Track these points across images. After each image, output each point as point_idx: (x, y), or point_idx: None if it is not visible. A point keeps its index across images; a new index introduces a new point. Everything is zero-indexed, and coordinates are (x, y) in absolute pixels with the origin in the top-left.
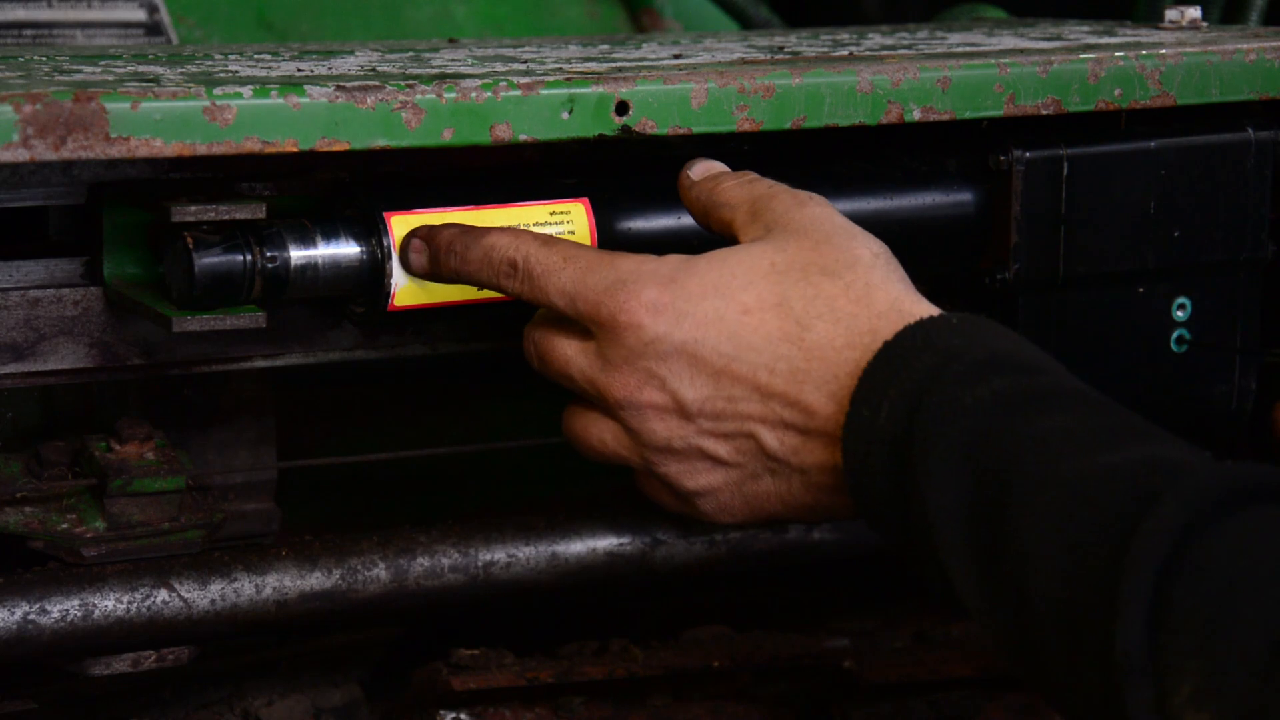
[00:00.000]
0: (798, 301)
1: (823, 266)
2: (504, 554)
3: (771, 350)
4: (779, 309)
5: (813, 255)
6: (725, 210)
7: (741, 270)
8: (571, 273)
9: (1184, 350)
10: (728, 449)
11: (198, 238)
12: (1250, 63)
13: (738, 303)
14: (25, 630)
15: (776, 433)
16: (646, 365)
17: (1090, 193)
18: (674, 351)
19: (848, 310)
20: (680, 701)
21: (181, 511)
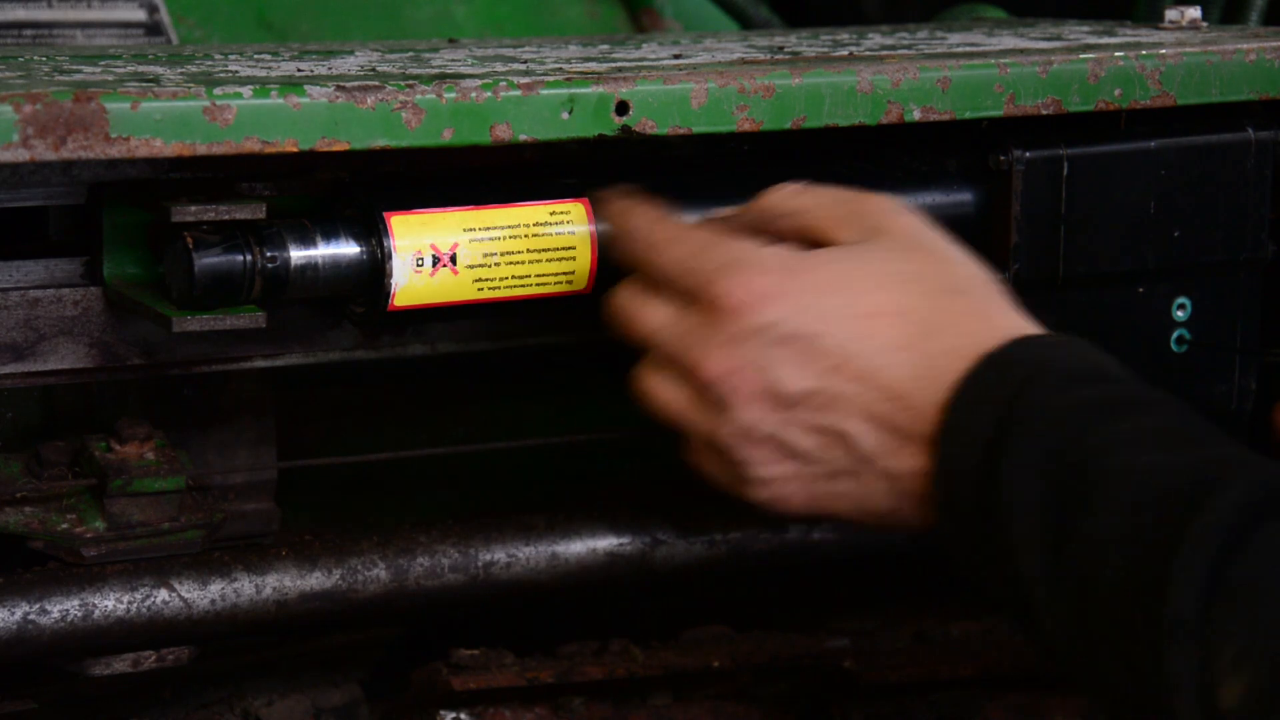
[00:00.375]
0: (925, 312)
1: (946, 284)
2: (504, 554)
3: (893, 355)
4: (902, 318)
5: (935, 270)
6: (794, 217)
7: (868, 272)
8: (688, 246)
9: (1184, 350)
10: (814, 443)
11: (198, 238)
12: (1250, 63)
13: (862, 304)
14: (25, 630)
15: (877, 432)
16: (748, 350)
17: (1090, 193)
18: (787, 339)
19: (971, 327)
20: (680, 701)
21: (181, 511)
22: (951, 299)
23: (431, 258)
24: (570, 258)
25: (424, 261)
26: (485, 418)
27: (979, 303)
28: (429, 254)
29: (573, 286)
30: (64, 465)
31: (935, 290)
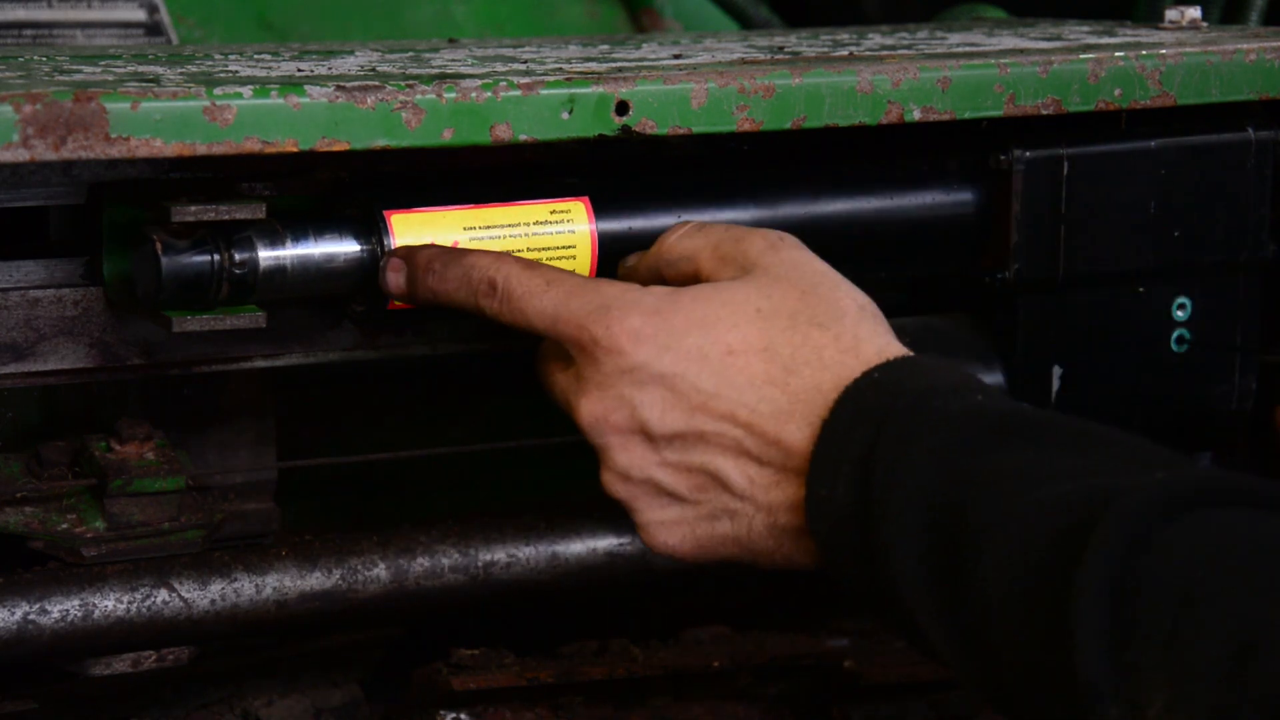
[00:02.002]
0: (784, 348)
1: (810, 316)
2: (504, 554)
3: (755, 391)
4: (765, 353)
5: (799, 304)
6: (683, 263)
7: (727, 311)
8: (554, 296)
9: (1184, 350)
10: (687, 485)
11: (165, 241)
12: (1250, 63)
13: (723, 342)
14: (25, 630)
15: (748, 469)
16: (620, 391)
17: (1090, 192)
18: (652, 380)
19: (836, 359)
20: (680, 701)
21: (181, 511)
22: (816, 331)
23: None
24: (570, 256)
25: None
26: (485, 418)
27: (844, 335)
28: None
29: None
30: (64, 465)
31: (798, 324)
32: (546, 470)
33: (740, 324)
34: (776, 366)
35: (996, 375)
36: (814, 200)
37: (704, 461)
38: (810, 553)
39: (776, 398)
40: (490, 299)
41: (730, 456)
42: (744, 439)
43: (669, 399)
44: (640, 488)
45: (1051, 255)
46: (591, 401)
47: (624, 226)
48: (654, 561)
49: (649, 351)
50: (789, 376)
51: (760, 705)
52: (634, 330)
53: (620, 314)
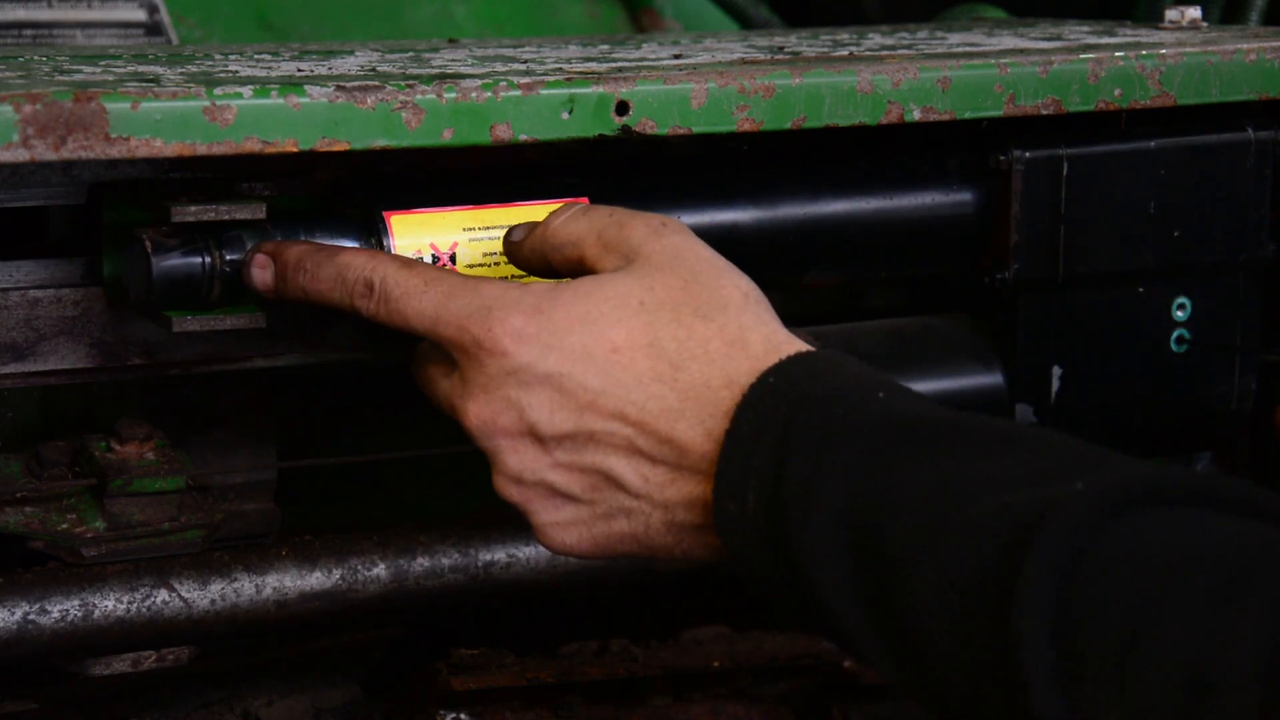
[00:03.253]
0: (669, 343)
1: (694, 308)
2: (504, 554)
3: (642, 389)
4: (650, 349)
5: (682, 295)
6: (568, 248)
7: (609, 306)
8: (434, 296)
9: (1184, 350)
10: (581, 484)
11: (156, 240)
12: (1250, 63)
13: (606, 340)
14: (25, 630)
15: (641, 468)
16: (506, 393)
17: (1090, 193)
18: (538, 381)
19: (722, 352)
20: (680, 701)
21: (181, 511)
22: (700, 324)
23: (431, 257)
24: None
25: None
26: None
27: (729, 326)
28: (428, 253)
29: None
30: (64, 465)
31: (682, 316)
32: None
33: (624, 319)
34: (663, 363)
35: (996, 375)
36: (814, 200)
37: (596, 461)
38: (713, 549)
39: (665, 395)
40: (367, 300)
41: (623, 455)
42: (635, 437)
43: (556, 399)
44: (534, 490)
45: (1051, 255)
46: (478, 405)
47: None
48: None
49: (533, 352)
50: (676, 372)
51: (760, 705)
52: (516, 330)
53: (501, 314)
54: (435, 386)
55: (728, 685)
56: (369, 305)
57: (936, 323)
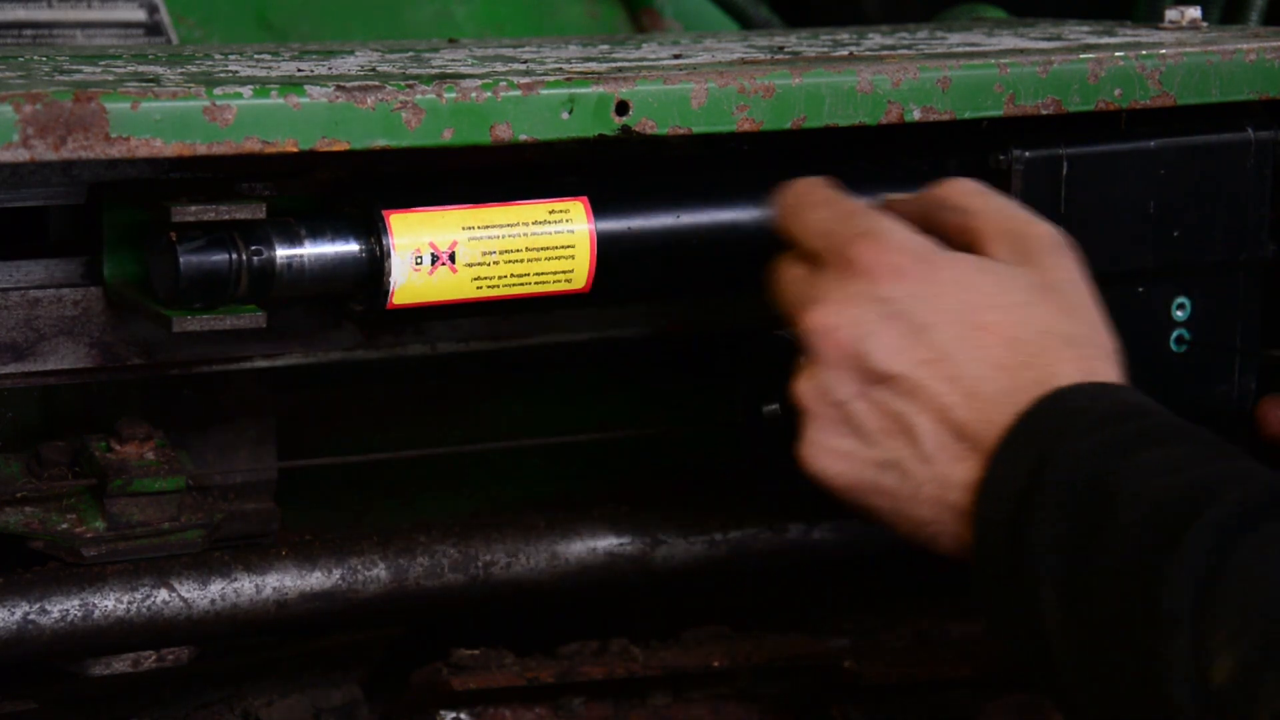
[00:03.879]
0: (1033, 347)
1: (1069, 336)
2: (504, 554)
3: (989, 369)
4: (1011, 345)
5: (1063, 321)
6: (962, 215)
7: (995, 290)
8: (836, 211)
9: (1184, 350)
10: (878, 425)
11: (183, 235)
12: (1250, 63)
13: (977, 317)
14: (25, 630)
15: (942, 437)
16: (857, 313)
17: (1090, 192)
18: (894, 318)
19: (1068, 374)
20: (680, 701)
21: (181, 511)
22: (1065, 350)
23: (430, 256)
24: (569, 256)
25: (423, 260)
26: (485, 418)
27: (1086, 360)
28: (428, 252)
29: (572, 285)
30: (64, 465)
31: (1050, 341)
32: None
33: (1002, 308)
34: (1015, 359)
35: None
36: None
37: (906, 412)
38: (957, 539)
39: (1002, 382)
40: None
41: (933, 419)
42: (955, 407)
43: (902, 343)
44: (827, 408)
45: None
46: (824, 311)
47: (623, 226)
48: (654, 561)
49: (905, 289)
50: (1021, 370)
51: (760, 705)
52: (898, 266)
53: (892, 246)
54: (788, 283)
55: (728, 685)
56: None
57: None
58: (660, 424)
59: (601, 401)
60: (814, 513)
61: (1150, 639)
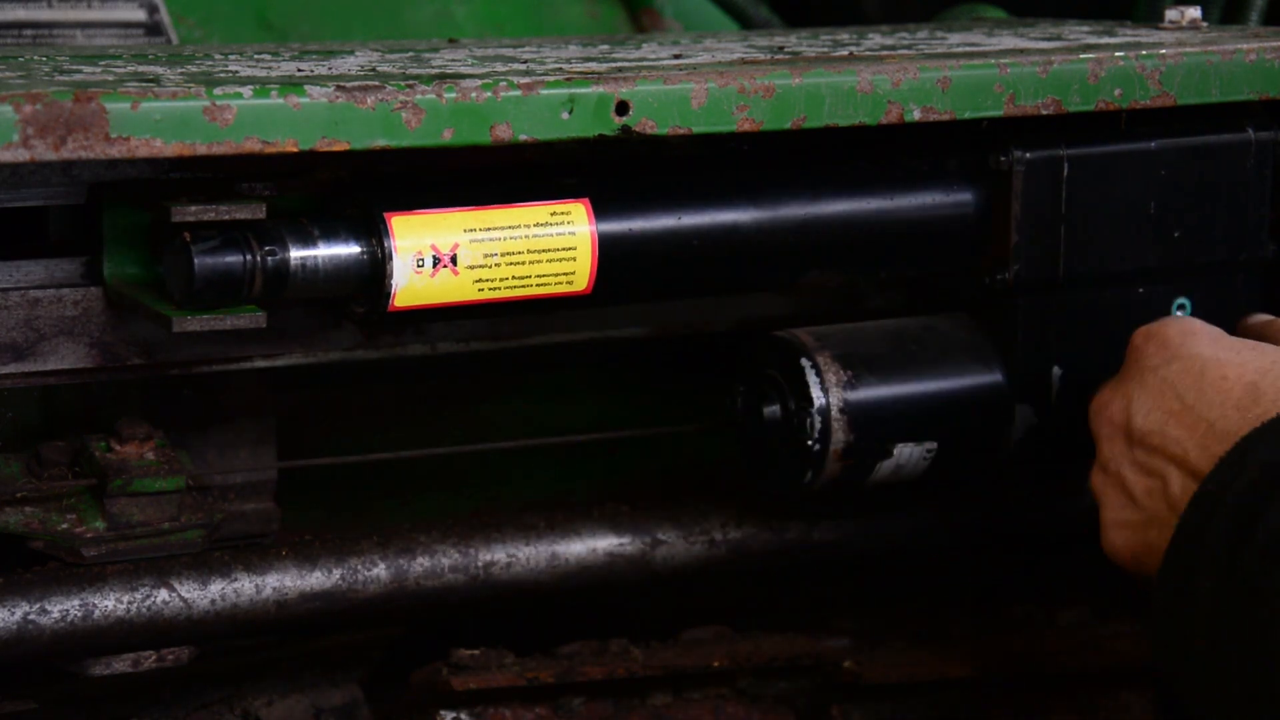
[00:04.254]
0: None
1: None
2: (504, 554)
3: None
4: (1250, 388)
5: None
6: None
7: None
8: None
9: None
10: (1142, 487)
11: (197, 236)
12: (1250, 63)
13: (1221, 367)
14: (25, 630)
15: (1186, 482)
16: (1127, 387)
17: (1090, 193)
18: (1153, 384)
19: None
20: (680, 701)
21: (181, 511)
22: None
23: (432, 258)
24: (571, 258)
25: (424, 262)
26: (485, 418)
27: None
28: (429, 254)
29: (573, 287)
30: (64, 465)
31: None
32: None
33: (1247, 360)
34: (1250, 397)
35: (996, 375)
36: (814, 200)
37: (1159, 466)
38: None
39: (1235, 420)
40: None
41: (1177, 468)
42: (1192, 453)
43: (1157, 399)
44: (1111, 481)
45: (1051, 255)
46: (1106, 391)
47: (624, 228)
48: (654, 561)
49: (1164, 358)
50: (1254, 406)
51: (760, 705)
52: (1163, 340)
53: (1159, 329)
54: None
55: (728, 685)
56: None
57: (937, 323)
58: (660, 424)
59: (601, 401)
60: (814, 513)
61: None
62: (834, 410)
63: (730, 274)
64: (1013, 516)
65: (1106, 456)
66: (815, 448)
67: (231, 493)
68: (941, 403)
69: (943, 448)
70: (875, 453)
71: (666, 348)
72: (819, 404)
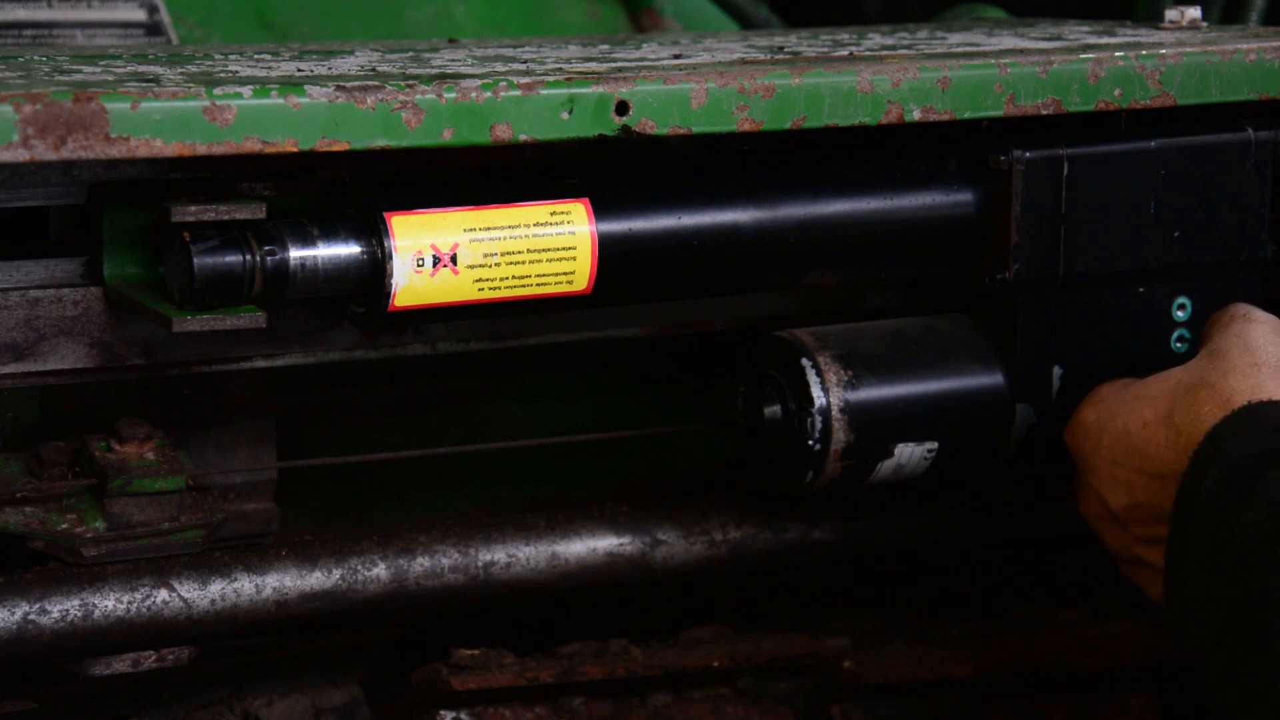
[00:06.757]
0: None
1: (1205, 380)
2: (504, 554)
3: (1160, 455)
4: (1167, 421)
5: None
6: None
7: (1154, 389)
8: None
9: (1184, 350)
10: (1154, 554)
11: (197, 235)
12: (1250, 63)
13: (1141, 418)
14: (25, 630)
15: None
16: (1089, 481)
17: (1090, 192)
18: (1101, 467)
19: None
20: (680, 701)
21: (181, 511)
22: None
23: (432, 258)
24: (571, 258)
25: (424, 261)
26: (485, 418)
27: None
28: (429, 254)
29: (573, 286)
30: (64, 465)
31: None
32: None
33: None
34: (1173, 433)
35: (996, 375)
36: (814, 200)
37: (1159, 531)
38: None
39: (1171, 460)
40: None
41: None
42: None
43: (1113, 479)
44: (1133, 568)
45: (1051, 255)
46: (1080, 499)
47: (624, 228)
48: (654, 561)
49: (1091, 441)
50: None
51: (760, 705)
52: (1084, 424)
53: (1081, 411)
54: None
55: (728, 685)
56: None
57: (937, 323)
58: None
59: (601, 401)
60: (814, 513)
61: (1261, 623)
62: (834, 410)
63: (730, 274)
64: (1013, 517)
65: (1115, 548)
66: (816, 448)
67: (231, 493)
68: (942, 403)
69: (943, 447)
70: (876, 453)
71: (666, 348)
72: (819, 404)
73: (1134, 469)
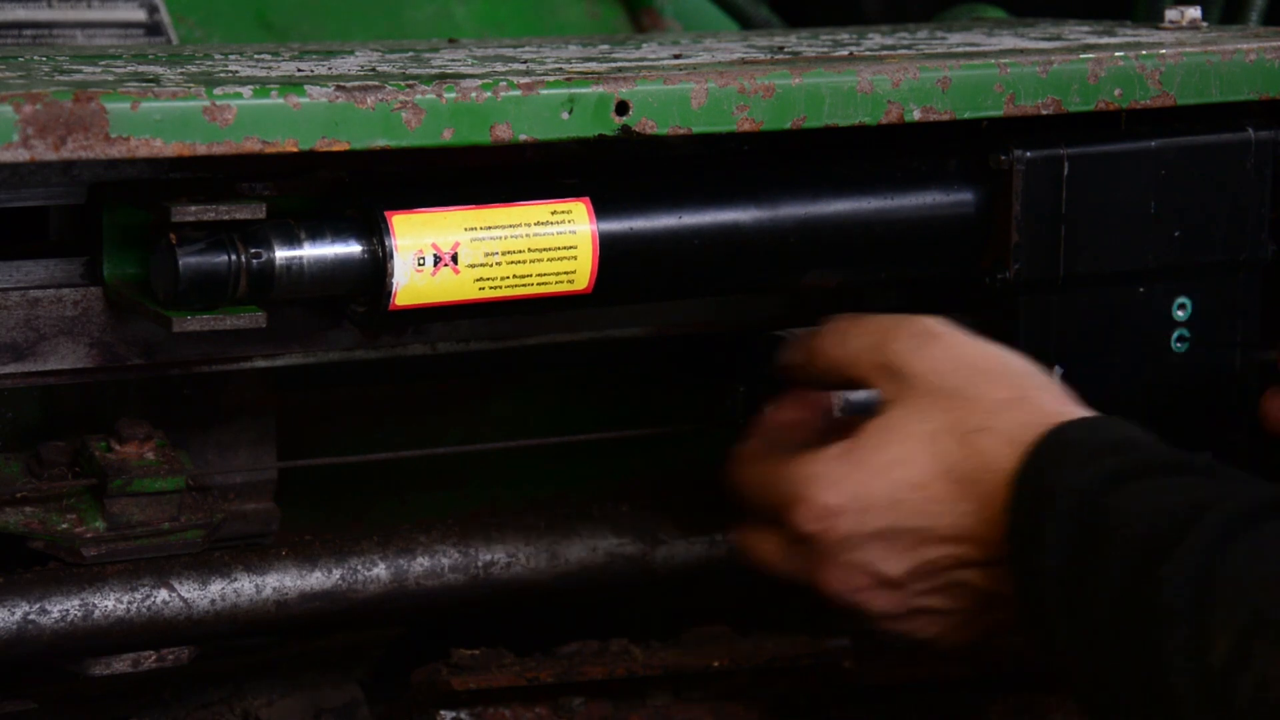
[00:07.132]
0: (960, 464)
1: (973, 425)
2: (504, 554)
3: (951, 511)
4: (946, 476)
5: (956, 415)
6: (840, 370)
7: (898, 450)
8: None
9: (1184, 350)
10: (943, 600)
11: (182, 236)
12: (1250, 63)
13: (907, 482)
14: (25, 630)
15: (981, 572)
16: (848, 559)
17: (1090, 192)
18: (868, 542)
19: (1004, 453)
20: (680, 701)
21: (181, 511)
22: (977, 439)
23: (433, 257)
24: (571, 257)
25: (425, 261)
26: (485, 418)
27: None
28: (430, 253)
29: (573, 286)
30: (64, 465)
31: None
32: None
33: (914, 457)
34: (959, 485)
35: None
36: (814, 200)
37: (947, 580)
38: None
39: (968, 510)
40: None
41: (964, 569)
42: (965, 554)
43: (888, 549)
44: (908, 619)
45: (1051, 255)
46: (831, 577)
47: (625, 227)
48: (654, 561)
49: (852, 521)
50: (973, 486)
51: (760, 705)
52: (830, 508)
53: (812, 498)
54: (774, 560)
55: (728, 685)
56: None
57: None
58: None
59: (601, 401)
60: None
61: (1151, 636)
62: (835, 411)
63: (731, 274)
64: None
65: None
66: None
67: (231, 493)
68: None
69: None
70: None
71: (666, 348)
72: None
73: (918, 535)
